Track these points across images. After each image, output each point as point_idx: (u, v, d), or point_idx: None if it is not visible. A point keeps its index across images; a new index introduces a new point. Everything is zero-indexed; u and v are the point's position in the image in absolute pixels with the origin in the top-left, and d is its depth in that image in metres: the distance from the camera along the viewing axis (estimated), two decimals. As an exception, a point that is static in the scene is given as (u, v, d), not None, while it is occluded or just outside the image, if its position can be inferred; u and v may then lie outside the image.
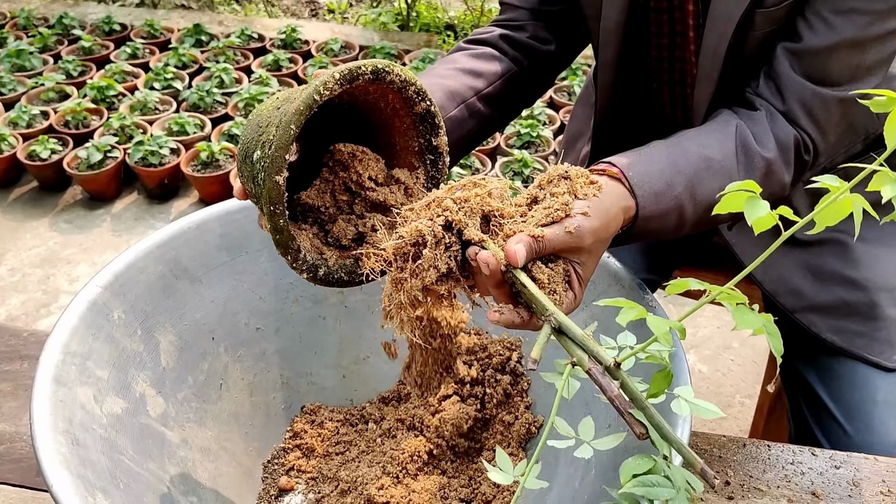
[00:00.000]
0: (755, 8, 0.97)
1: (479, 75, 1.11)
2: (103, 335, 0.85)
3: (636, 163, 0.89)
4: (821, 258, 1.17)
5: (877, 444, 1.10)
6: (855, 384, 1.15)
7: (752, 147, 0.96)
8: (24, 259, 2.50)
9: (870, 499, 0.94)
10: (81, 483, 0.67)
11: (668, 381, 0.66)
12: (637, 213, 0.86)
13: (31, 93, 3.02)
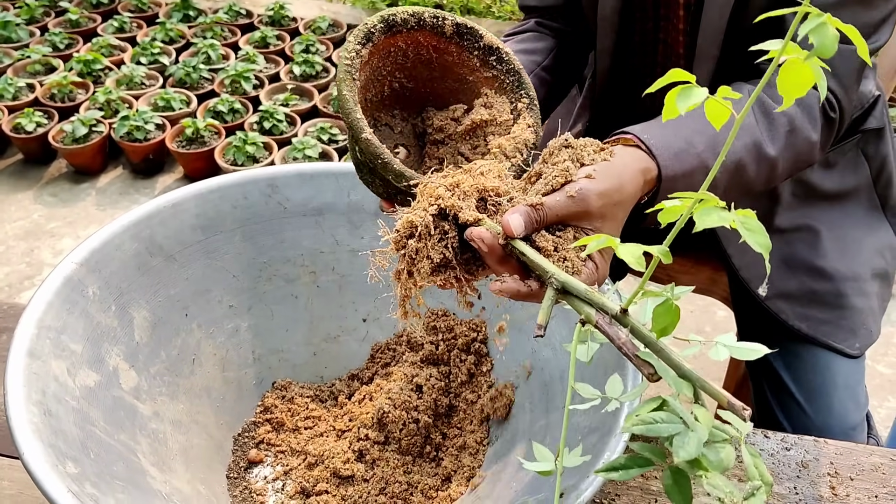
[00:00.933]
0: None
1: (533, 52, 1.15)
2: (78, 310, 0.87)
3: (651, 127, 0.86)
4: (792, 246, 1.20)
5: (834, 426, 1.14)
6: (817, 368, 1.19)
7: (768, 104, 0.94)
8: (9, 231, 2.51)
9: (817, 479, 0.98)
10: (52, 451, 0.70)
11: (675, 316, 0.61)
12: (660, 173, 0.81)
13: (17, 65, 3.02)
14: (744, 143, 0.91)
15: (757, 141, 0.92)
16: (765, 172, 0.94)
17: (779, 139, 0.93)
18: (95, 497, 0.69)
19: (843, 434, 1.14)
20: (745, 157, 0.91)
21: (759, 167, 0.93)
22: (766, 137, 0.93)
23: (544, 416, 0.90)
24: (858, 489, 0.97)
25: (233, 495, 0.94)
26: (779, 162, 0.94)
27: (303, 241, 1.07)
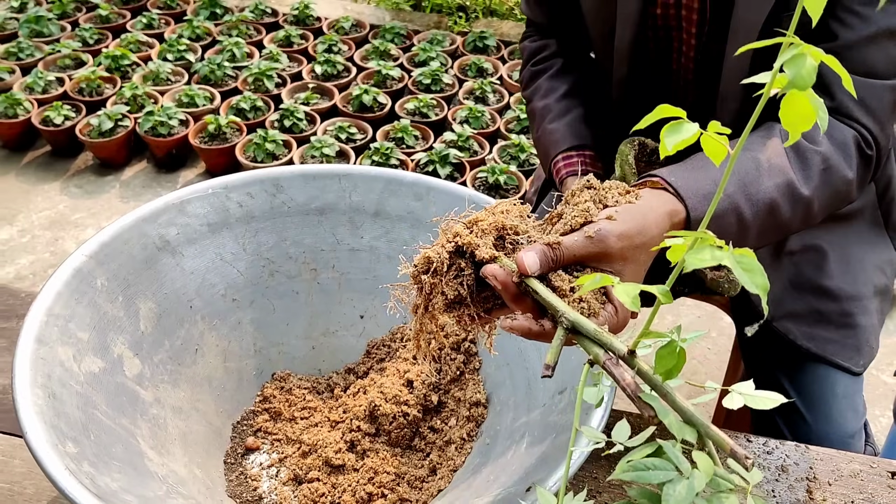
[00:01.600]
0: (781, 13, 0.96)
1: (577, 94, 1.17)
2: (86, 300, 0.92)
3: (678, 169, 0.86)
4: (800, 268, 1.21)
5: (833, 434, 1.16)
6: (817, 377, 1.21)
7: (802, 144, 0.93)
8: (35, 221, 2.59)
9: (795, 484, 1.00)
10: (53, 432, 0.75)
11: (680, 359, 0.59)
12: (688, 216, 0.82)
13: (48, 59, 3.11)
14: (776, 183, 0.90)
15: (790, 181, 0.91)
16: (800, 213, 0.93)
17: (813, 178, 0.92)
18: (92, 475, 0.74)
19: (842, 442, 1.16)
20: (778, 199, 0.90)
21: (794, 208, 0.92)
22: (800, 177, 0.92)
23: (526, 413, 0.94)
24: (835, 494, 0.99)
25: (229, 479, 0.98)
26: (814, 202, 0.93)
27: (305, 240, 1.12)
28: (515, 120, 2.78)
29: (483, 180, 2.51)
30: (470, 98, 2.97)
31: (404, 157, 2.58)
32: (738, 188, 0.87)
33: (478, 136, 2.71)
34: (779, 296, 1.21)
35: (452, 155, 2.54)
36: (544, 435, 0.87)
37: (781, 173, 0.91)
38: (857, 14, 0.94)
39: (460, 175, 2.54)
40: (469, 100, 2.95)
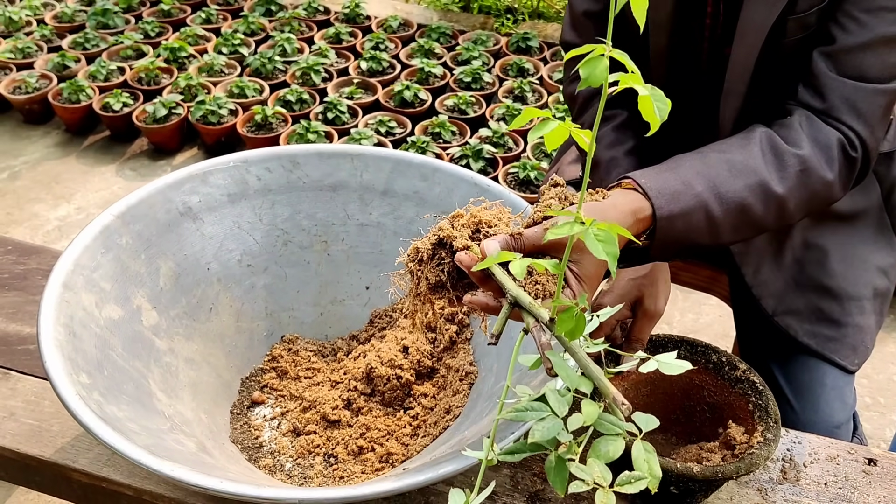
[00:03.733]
0: (786, 15, 1.00)
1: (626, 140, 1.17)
2: (111, 255, 1.02)
3: (650, 171, 0.93)
4: (802, 265, 1.25)
5: (819, 423, 1.19)
6: (807, 367, 1.24)
7: (780, 146, 0.98)
8: (91, 200, 2.74)
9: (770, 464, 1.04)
10: (70, 364, 0.84)
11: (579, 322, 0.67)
12: (654, 213, 0.88)
13: (112, 49, 3.27)
14: (746, 183, 0.94)
15: (763, 181, 0.95)
16: (774, 211, 0.97)
17: (788, 178, 0.96)
18: (100, 403, 0.83)
19: (827, 432, 1.19)
20: (749, 198, 0.94)
21: (767, 206, 0.96)
22: (774, 177, 0.96)
23: (504, 378, 1.00)
24: (808, 476, 1.03)
25: (233, 427, 1.07)
26: (788, 200, 0.97)
27: (317, 214, 1.20)
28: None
29: (514, 175, 2.57)
30: (509, 97, 3.03)
31: (440, 151, 2.66)
32: (707, 188, 0.92)
33: (513, 134, 2.77)
34: (781, 292, 1.24)
35: (486, 150, 2.61)
36: (517, 396, 0.93)
37: (754, 174, 0.95)
38: (856, 20, 0.97)
39: (493, 170, 2.61)
40: (508, 98, 3.02)
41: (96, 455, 1.01)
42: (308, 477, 1.00)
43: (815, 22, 1.01)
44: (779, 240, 1.23)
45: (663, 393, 1.05)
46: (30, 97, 3.01)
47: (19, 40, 3.26)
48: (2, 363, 1.16)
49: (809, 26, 1.01)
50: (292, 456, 1.03)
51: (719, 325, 2.25)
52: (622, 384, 1.01)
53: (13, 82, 3.07)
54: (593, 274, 0.81)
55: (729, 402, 1.01)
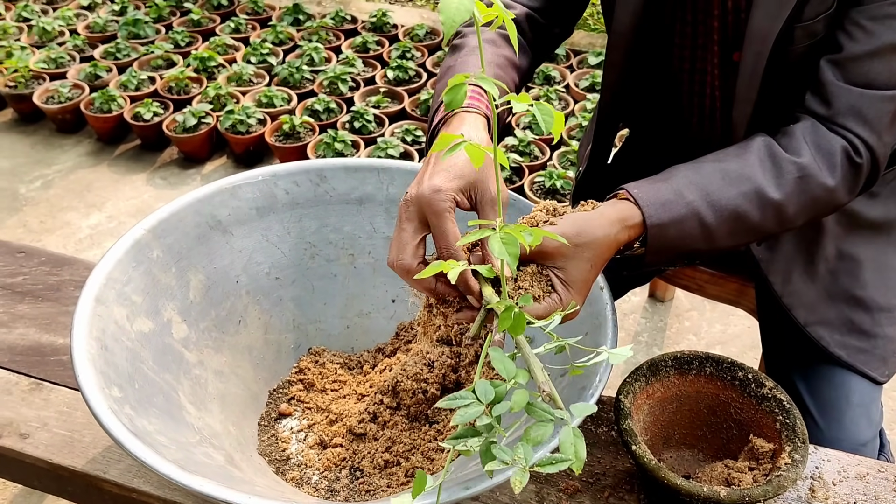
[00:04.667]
0: (793, 23, 1.01)
1: (517, 68, 1.15)
2: (142, 268, 1.04)
3: (643, 182, 0.96)
4: (835, 276, 1.24)
5: (844, 441, 1.18)
6: (833, 383, 1.23)
7: (779, 154, 0.99)
8: (122, 208, 2.78)
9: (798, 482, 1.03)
10: (102, 377, 0.86)
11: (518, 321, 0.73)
12: (645, 221, 0.92)
13: (143, 59, 3.32)
14: (741, 191, 0.96)
15: (758, 188, 0.97)
16: (772, 216, 0.98)
17: (786, 184, 0.97)
18: (131, 416, 0.84)
19: (853, 449, 1.18)
20: (744, 205, 0.96)
21: (764, 212, 0.97)
22: (770, 183, 0.97)
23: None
24: (838, 494, 1.02)
25: (261, 440, 1.08)
26: (787, 206, 0.98)
27: (344, 227, 1.21)
28: (578, 127, 2.83)
29: (541, 185, 2.57)
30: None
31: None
32: (699, 196, 0.94)
33: (539, 142, 2.77)
34: (813, 302, 1.23)
35: (512, 159, 2.61)
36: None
37: (748, 181, 0.96)
38: (863, 28, 0.98)
39: (519, 179, 2.61)
40: (535, 107, 3.01)
41: (127, 466, 1.03)
42: (334, 490, 1.01)
43: (822, 30, 1.02)
44: (809, 250, 1.22)
45: (689, 410, 1.04)
46: (62, 107, 3.06)
47: (52, 50, 3.31)
48: (35, 374, 1.18)
49: (817, 34, 1.02)
50: (319, 469, 1.04)
51: (747, 335, 2.23)
52: (647, 402, 1.01)
53: (46, 92, 3.13)
54: (579, 279, 0.85)
55: (756, 420, 1.00)
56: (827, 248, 1.23)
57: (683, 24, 1.16)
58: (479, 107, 0.99)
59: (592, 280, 0.87)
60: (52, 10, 3.79)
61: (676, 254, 0.96)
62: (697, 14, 1.14)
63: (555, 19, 1.23)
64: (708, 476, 0.98)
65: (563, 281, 0.85)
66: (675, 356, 1.03)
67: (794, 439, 0.95)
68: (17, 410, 1.12)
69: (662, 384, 1.02)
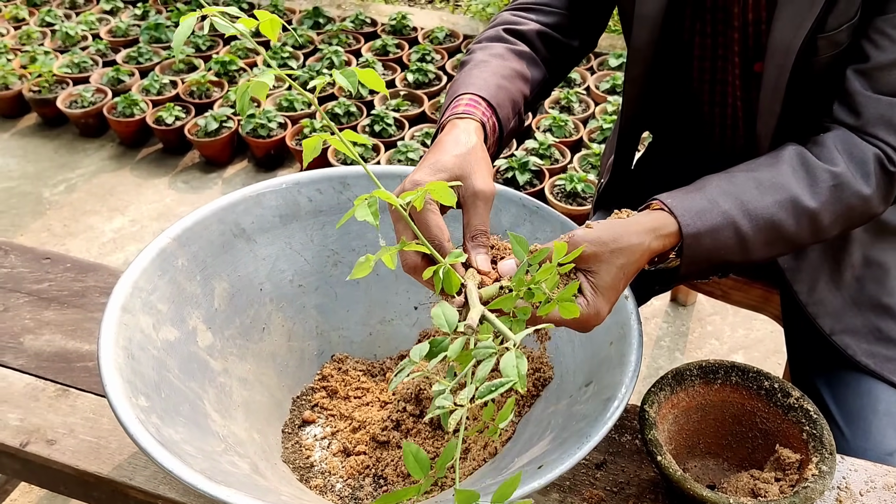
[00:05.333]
0: (816, 34, 1.00)
1: (526, 81, 1.14)
2: (168, 277, 1.04)
3: (677, 192, 0.95)
4: (862, 283, 1.23)
5: (870, 451, 1.17)
6: (859, 393, 1.22)
7: (812, 162, 0.98)
8: (144, 212, 2.81)
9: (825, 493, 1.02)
10: (129, 386, 0.87)
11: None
12: (681, 231, 0.90)
13: (164, 63, 3.35)
14: (776, 199, 0.95)
15: (793, 196, 0.95)
16: (807, 226, 0.97)
17: (821, 193, 0.96)
18: (158, 426, 0.85)
19: (879, 459, 1.16)
20: (779, 214, 0.95)
21: (799, 222, 0.96)
22: (805, 192, 0.96)
23: (554, 404, 1.00)
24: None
25: (285, 447, 1.09)
26: (822, 215, 0.97)
27: (367, 234, 1.21)
28: (599, 129, 2.82)
29: (561, 188, 2.56)
30: (555, 107, 3.03)
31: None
32: (734, 205, 0.93)
33: (559, 145, 2.76)
34: (839, 311, 1.22)
35: (532, 162, 2.61)
36: (567, 423, 0.93)
37: (784, 190, 0.95)
38: (889, 37, 0.97)
39: (539, 182, 2.61)
40: (554, 109, 3.01)
41: (153, 473, 1.04)
42: (358, 498, 1.01)
43: (846, 39, 1.01)
44: (835, 258, 1.21)
45: (714, 419, 1.03)
46: (85, 111, 3.09)
47: (75, 55, 3.35)
48: (61, 380, 1.19)
49: (840, 44, 1.01)
50: (342, 476, 1.04)
51: (770, 340, 2.21)
52: (672, 411, 1.00)
53: (70, 96, 3.16)
54: (609, 285, 0.84)
55: (782, 430, 1.00)
56: (853, 256, 1.21)
57: (703, 37, 1.16)
58: (474, 113, 1.00)
59: (622, 288, 0.86)
60: (74, 15, 3.83)
61: (710, 265, 0.95)
62: (717, 26, 1.13)
63: (572, 34, 1.23)
64: (733, 486, 0.97)
65: (593, 285, 0.84)
66: (700, 365, 1.02)
67: (822, 450, 0.94)
68: (44, 416, 1.13)
69: (687, 393, 1.01)
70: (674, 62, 1.19)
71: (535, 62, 1.17)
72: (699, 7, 1.13)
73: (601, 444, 1.05)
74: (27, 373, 1.20)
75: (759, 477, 0.97)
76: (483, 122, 1.01)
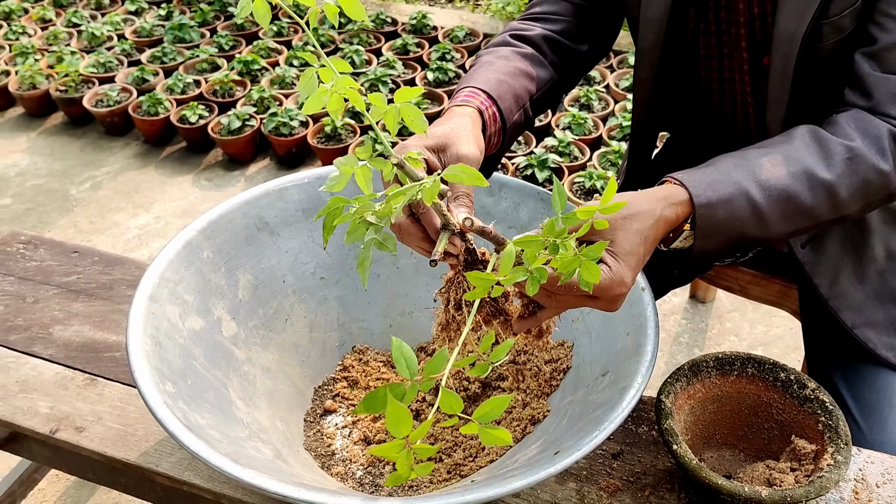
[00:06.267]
0: (820, 20, 1.01)
1: (532, 79, 1.15)
2: (193, 268, 1.07)
3: (688, 170, 0.94)
4: (884, 276, 1.23)
5: (886, 444, 1.18)
6: (875, 386, 1.22)
7: (826, 137, 0.97)
8: (168, 209, 2.85)
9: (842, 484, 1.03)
10: (157, 373, 0.89)
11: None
12: (692, 200, 0.90)
13: (188, 63, 3.39)
14: (789, 171, 0.94)
15: (807, 168, 0.95)
16: (824, 198, 0.96)
17: (836, 165, 0.96)
18: (185, 412, 0.87)
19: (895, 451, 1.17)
20: (793, 186, 0.94)
21: (816, 194, 0.95)
22: (819, 164, 0.95)
23: (571, 393, 1.02)
24: (882, 497, 1.01)
25: (307, 435, 1.11)
26: (838, 188, 0.96)
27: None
28: (618, 127, 2.83)
29: (581, 185, 2.57)
30: (575, 105, 3.03)
31: (505, 161, 2.68)
32: (746, 176, 0.92)
33: (579, 142, 2.77)
34: (860, 304, 1.22)
35: (551, 160, 2.62)
36: (583, 411, 0.94)
37: (797, 162, 0.94)
38: (894, 18, 0.98)
39: (559, 179, 2.61)
40: (574, 107, 3.02)
41: (178, 459, 1.06)
42: (378, 486, 1.03)
43: (849, 25, 1.01)
44: (856, 251, 1.22)
45: (730, 410, 1.04)
46: (111, 110, 3.14)
47: (101, 55, 3.40)
48: (90, 369, 1.22)
49: (844, 29, 1.02)
50: (363, 464, 1.06)
51: (790, 337, 2.21)
52: (688, 402, 1.01)
53: (96, 96, 3.21)
54: (628, 250, 0.83)
55: (798, 421, 1.00)
56: (875, 249, 1.22)
57: (708, 36, 1.17)
58: (472, 101, 1.02)
59: (643, 255, 0.85)
60: (100, 16, 3.88)
61: (727, 238, 0.93)
62: (721, 24, 1.14)
63: (580, 40, 1.23)
64: (749, 476, 0.98)
65: (612, 253, 0.82)
66: (717, 357, 1.03)
67: (837, 440, 0.95)
68: (73, 405, 1.16)
69: (703, 384, 1.02)
70: (681, 62, 1.20)
71: (541, 63, 1.18)
72: (702, 7, 1.14)
73: (618, 434, 1.06)
74: (56, 362, 1.23)
75: (774, 467, 0.98)
76: (480, 109, 1.02)
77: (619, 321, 1.00)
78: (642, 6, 1.13)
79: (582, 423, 0.90)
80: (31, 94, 3.26)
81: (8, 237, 1.49)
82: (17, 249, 1.46)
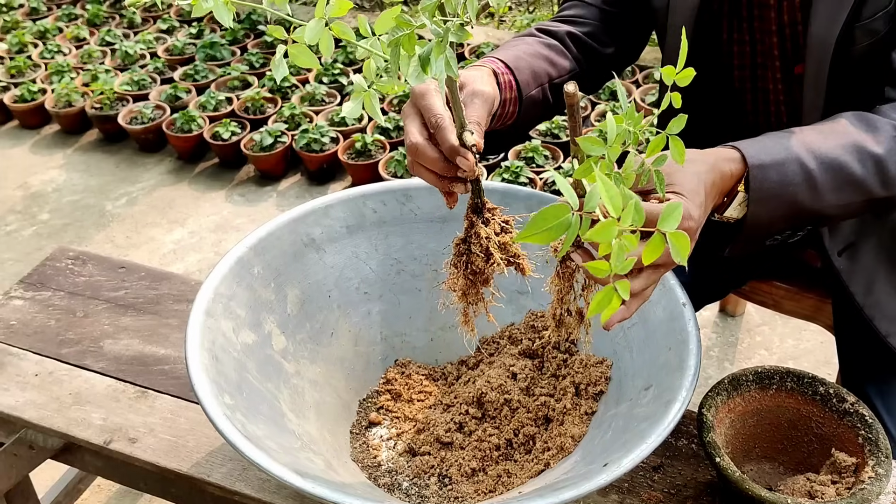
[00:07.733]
0: (853, 24, 1.02)
1: (552, 64, 1.17)
2: (245, 284, 1.11)
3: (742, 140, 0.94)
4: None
5: None
6: None
7: (871, 116, 0.98)
8: (203, 224, 2.90)
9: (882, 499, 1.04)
10: (215, 386, 0.93)
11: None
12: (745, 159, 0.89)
13: (220, 80, 3.45)
14: (839, 143, 0.95)
15: (856, 141, 0.95)
16: (874, 171, 0.96)
17: (884, 141, 0.96)
18: (243, 423, 0.91)
19: None
20: (844, 156, 0.94)
21: (865, 166, 0.95)
22: (868, 139, 0.96)
23: (615, 406, 1.04)
24: (921, 510, 1.03)
25: (353, 447, 1.14)
26: (888, 163, 0.96)
27: (428, 244, 1.26)
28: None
29: (609, 200, 2.59)
30: (601, 120, 3.06)
31: (533, 176, 2.71)
32: (799, 144, 0.93)
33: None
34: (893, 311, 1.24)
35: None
36: (627, 425, 0.97)
37: (847, 135, 0.95)
38: None
39: (588, 195, 2.64)
40: (600, 122, 3.05)
41: (229, 470, 1.10)
42: (424, 496, 1.06)
43: (882, 27, 1.02)
44: (892, 259, 1.23)
45: (769, 424, 1.06)
46: (145, 127, 3.21)
47: (135, 73, 3.47)
48: (140, 382, 1.26)
49: (877, 32, 1.03)
50: (409, 475, 1.09)
51: (820, 351, 2.22)
52: (728, 416, 1.03)
53: (130, 113, 3.28)
54: (691, 189, 0.82)
55: (837, 435, 1.02)
56: None
57: (742, 45, 1.19)
58: (487, 65, 1.06)
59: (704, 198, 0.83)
60: (133, 35, 3.97)
61: (780, 205, 0.92)
62: (755, 33, 1.15)
63: (605, 43, 1.25)
64: (790, 489, 0.99)
65: (675, 193, 0.81)
66: (756, 371, 1.05)
67: (878, 453, 0.96)
68: (125, 416, 1.20)
69: (743, 398, 1.04)
70: (713, 72, 1.22)
71: (564, 54, 1.21)
72: (736, 16, 1.16)
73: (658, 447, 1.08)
74: (108, 375, 1.27)
75: (815, 480, 0.99)
76: (495, 71, 1.05)
77: (661, 335, 1.02)
78: (670, 13, 1.15)
79: (627, 436, 0.92)
80: (67, 111, 3.34)
81: (57, 253, 1.53)
82: (66, 265, 1.51)
